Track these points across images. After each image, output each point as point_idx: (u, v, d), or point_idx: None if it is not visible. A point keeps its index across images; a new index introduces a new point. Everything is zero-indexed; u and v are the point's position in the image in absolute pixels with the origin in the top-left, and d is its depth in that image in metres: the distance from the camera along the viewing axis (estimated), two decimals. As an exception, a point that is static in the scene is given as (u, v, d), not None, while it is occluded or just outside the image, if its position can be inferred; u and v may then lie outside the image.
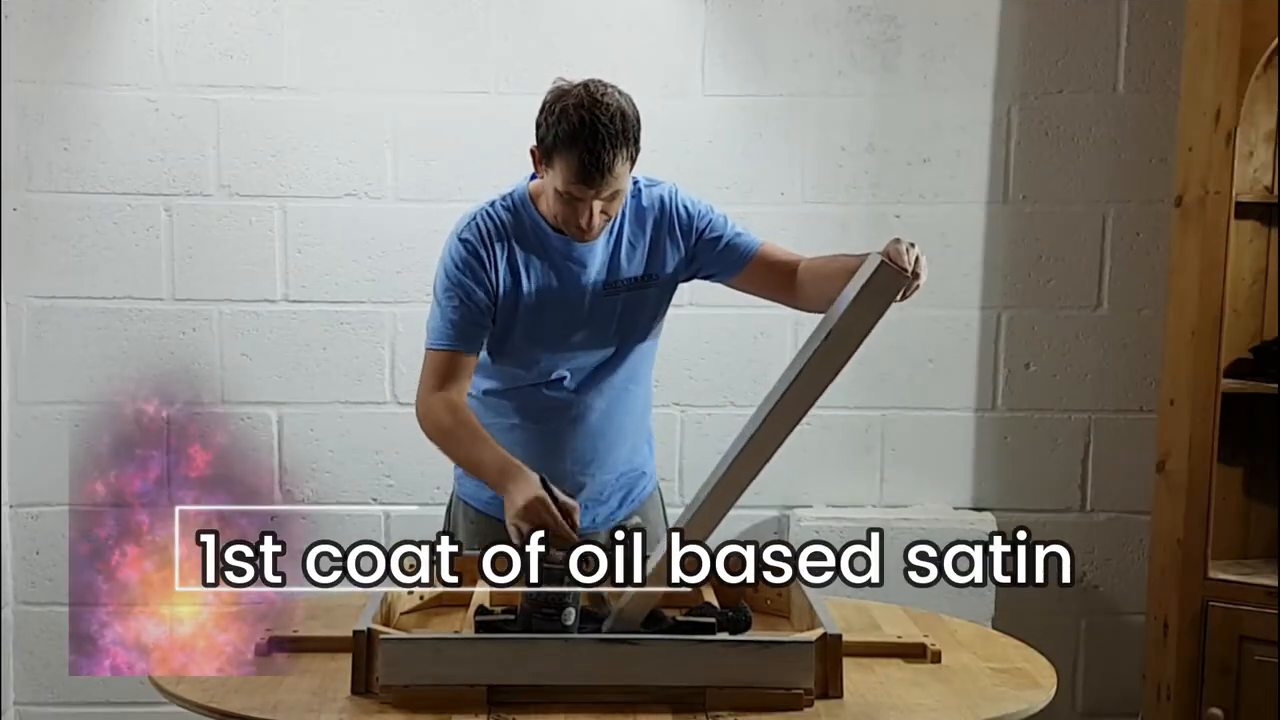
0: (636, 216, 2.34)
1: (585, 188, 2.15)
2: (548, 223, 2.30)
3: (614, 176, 2.15)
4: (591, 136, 2.11)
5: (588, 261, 2.31)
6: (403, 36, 3.33)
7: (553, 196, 2.21)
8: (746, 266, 2.35)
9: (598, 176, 2.13)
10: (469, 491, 2.48)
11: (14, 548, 3.40)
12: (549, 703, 1.82)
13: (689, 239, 2.35)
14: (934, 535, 3.29)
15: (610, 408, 2.40)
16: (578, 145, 2.12)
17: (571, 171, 2.14)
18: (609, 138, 2.12)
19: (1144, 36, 3.37)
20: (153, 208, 3.35)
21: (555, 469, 2.28)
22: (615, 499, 2.48)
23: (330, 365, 3.40)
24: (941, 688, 1.94)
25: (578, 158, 2.12)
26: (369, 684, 1.86)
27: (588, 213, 2.19)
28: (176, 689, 1.89)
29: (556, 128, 2.14)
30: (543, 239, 2.31)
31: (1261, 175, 3.12)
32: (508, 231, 2.31)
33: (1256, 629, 2.97)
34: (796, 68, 3.36)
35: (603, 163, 2.12)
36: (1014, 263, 3.43)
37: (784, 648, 1.86)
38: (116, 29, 3.30)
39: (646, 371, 2.47)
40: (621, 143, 2.14)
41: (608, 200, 2.19)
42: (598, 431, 2.40)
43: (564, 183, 2.16)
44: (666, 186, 2.38)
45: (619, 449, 2.44)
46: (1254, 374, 3.06)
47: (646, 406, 2.51)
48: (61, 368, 3.37)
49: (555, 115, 2.15)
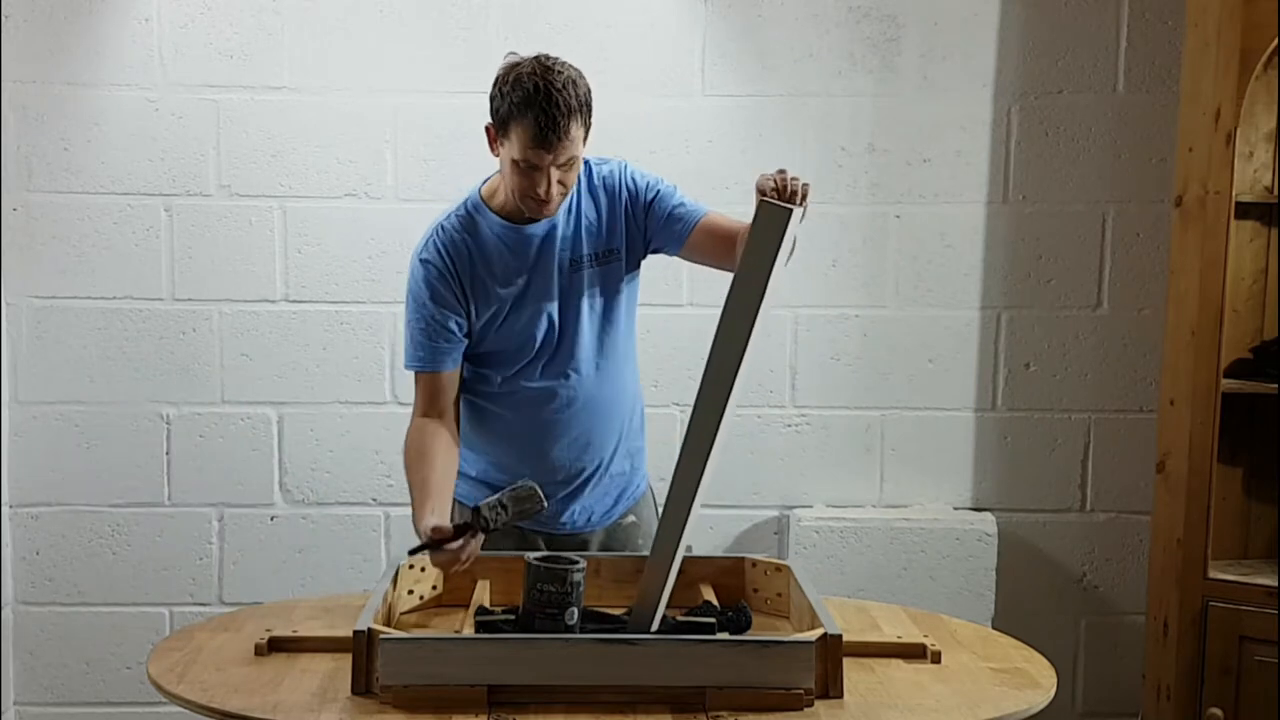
0: (590, 193, 2.38)
1: (543, 152, 2.18)
2: (504, 218, 2.33)
3: (570, 141, 2.19)
4: (546, 100, 2.15)
5: (551, 243, 2.34)
6: (403, 36, 3.33)
7: (509, 170, 2.24)
8: (690, 236, 2.38)
9: (555, 139, 2.17)
10: (463, 493, 2.48)
11: (14, 548, 3.40)
12: (549, 703, 1.82)
13: (639, 209, 2.39)
14: (934, 535, 3.33)
15: (595, 388, 2.41)
16: (533, 109, 2.16)
17: (528, 136, 2.17)
18: (564, 101, 2.16)
19: (1144, 36, 3.37)
20: (153, 208, 3.35)
21: (549, 455, 2.36)
22: (611, 496, 2.49)
23: (330, 365, 3.40)
24: (941, 688, 1.94)
25: (534, 121, 2.16)
26: (369, 684, 1.86)
27: (545, 182, 2.21)
28: (176, 689, 1.89)
29: (511, 96, 2.18)
30: (502, 236, 2.34)
31: (1261, 175, 3.12)
32: (465, 240, 2.34)
33: (1256, 629, 2.97)
34: (796, 68, 3.36)
35: (559, 125, 2.16)
36: (1014, 263, 3.43)
37: (784, 648, 1.86)
38: (116, 29, 3.30)
39: (625, 351, 2.47)
40: (576, 108, 2.19)
41: (564, 170, 2.22)
42: (585, 413, 2.41)
43: (521, 150, 2.19)
44: (616, 162, 2.43)
45: (610, 428, 2.45)
46: (1254, 374, 3.06)
47: (635, 392, 2.52)
48: (61, 368, 3.37)
49: (509, 85, 2.19)
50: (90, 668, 3.44)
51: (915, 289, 3.43)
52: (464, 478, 2.47)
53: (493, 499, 2.09)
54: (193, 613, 3.37)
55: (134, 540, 3.41)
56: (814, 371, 3.44)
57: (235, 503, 3.42)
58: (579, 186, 2.35)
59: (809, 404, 3.44)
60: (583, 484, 2.44)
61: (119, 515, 3.41)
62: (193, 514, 3.42)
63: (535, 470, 2.35)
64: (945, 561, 3.32)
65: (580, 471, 2.43)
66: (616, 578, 2.28)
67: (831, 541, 3.32)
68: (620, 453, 2.48)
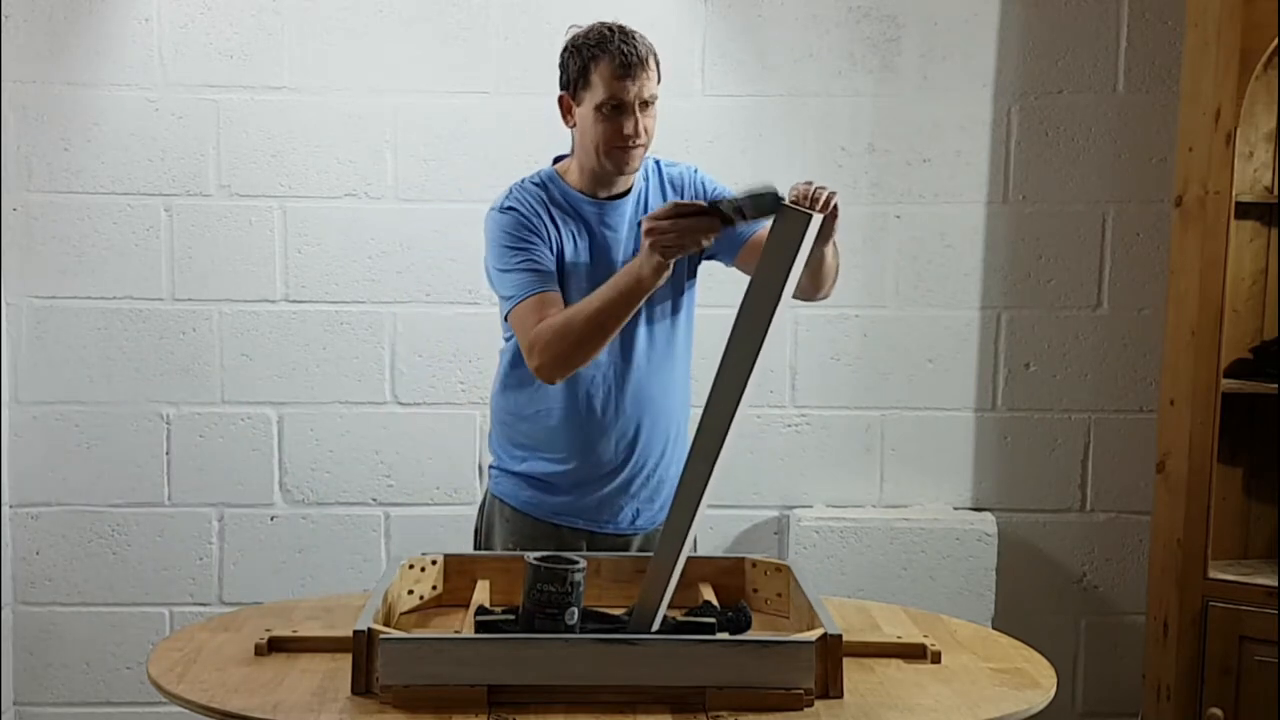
0: (660, 187, 2.43)
1: (628, 83, 2.27)
2: (579, 192, 2.38)
3: (650, 73, 2.30)
4: (623, 36, 2.29)
5: (618, 226, 2.38)
6: (403, 36, 3.33)
7: (592, 123, 2.30)
8: (744, 247, 2.43)
9: (638, 67, 2.27)
10: (505, 490, 2.48)
11: (14, 548, 3.40)
12: (549, 703, 1.82)
13: None
14: (934, 535, 3.33)
15: (645, 383, 2.41)
16: (612, 44, 2.28)
17: (612, 68, 2.27)
18: (639, 38, 2.31)
19: (1144, 36, 3.37)
20: (153, 208, 3.35)
21: (598, 450, 2.36)
22: (658, 501, 2.46)
23: (330, 365, 3.40)
24: (941, 688, 1.94)
25: (616, 52, 2.27)
26: (369, 684, 1.86)
27: (632, 119, 2.28)
28: (176, 689, 1.88)
29: (586, 44, 2.30)
30: (576, 206, 2.38)
31: (1261, 175, 3.12)
32: (543, 199, 2.39)
33: (1256, 629, 2.97)
34: (796, 68, 3.36)
35: (639, 54, 2.28)
36: (1014, 263, 3.43)
37: (784, 648, 1.86)
38: (116, 29, 3.30)
39: (681, 352, 2.48)
40: (649, 47, 2.31)
41: (646, 113, 2.30)
42: (635, 409, 2.40)
43: (606, 86, 2.28)
44: (686, 165, 2.51)
45: (660, 429, 2.44)
46: (1254, 374, 3.06)
47: (685, 398, 2.51)
48: (61, 368, 3.37)
49: (582, 38, 2.31)
50: (90, 668, 3.44)
51: (915, 289, 3.43)
52: (507, 474, 2.47)
53: (730, 197, 2.08)
54: (193, 613, 3.37)
55: (134, 540, 3.41)
56: (814, 371, 3.44)
57: (235, 503, 3.42)
58: (649, 181, 2.42)
59: (809, 404, 3.44)
60: (627, 481, 2.42)
61: (119, 515, 3.41)
62: (193, 514, 3.42)
63: (581, 464, 2.37)
64: (945, 561, 3.32)
65: (626, 467, 2.41)
66: (616, 578, 2.27)
67: (831, 541, 3.32)
68: (668, 458, 2.45)
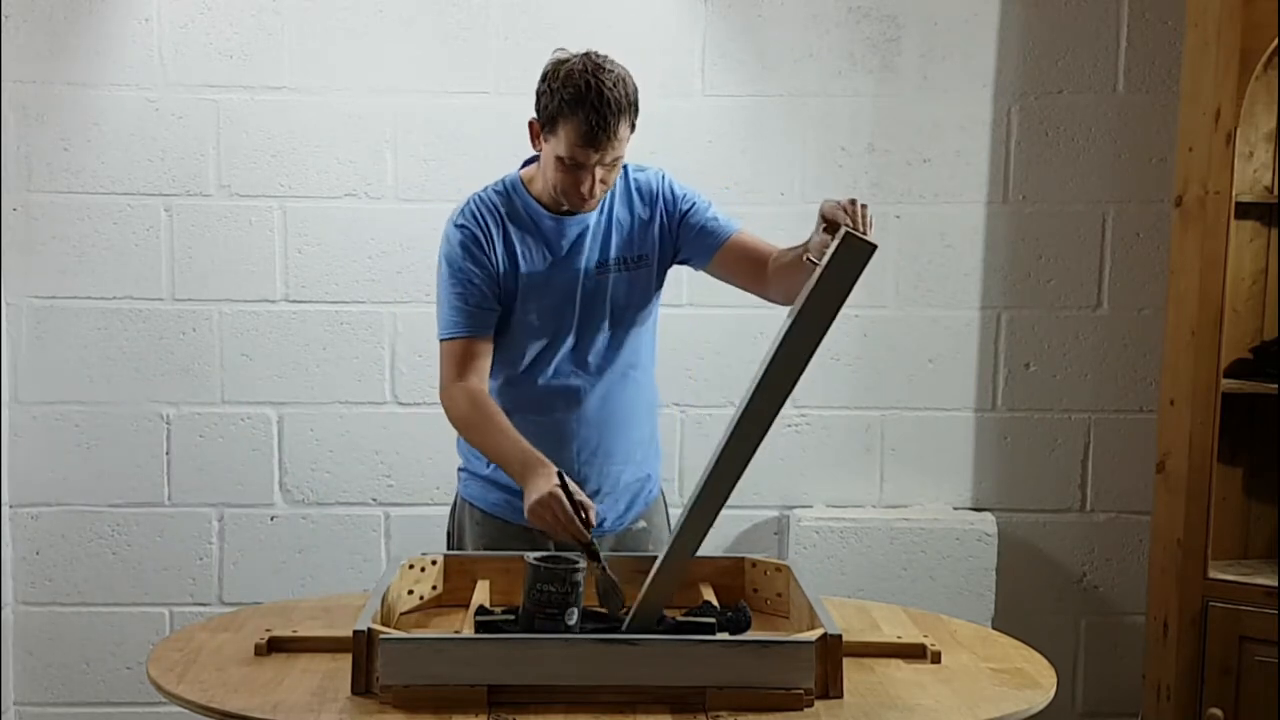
0: (626, 197, 2.38)
1: (590, 151, 2.19)
2: (540, 204, 2.33)
3: (617, 140, 2.20)
4: (597, 98, 2.15)
5: (581, 241, 2.34)
6: (403, 36, 3.33)
7: (552, 166, 2.24)
8: (719, 251, 2.38)
9: (603, 138, 2.17)
10: (474, 493, 2.48)
11: (14, 548, 3.40)
12: (549, 703, 1.82)
13: (673, 218, 2.39)
14: (934, 536, 3.33)
15: (609, 393, 2.40)
16: (583, 108, 2.16)
17: (577, 135, 2.18)
18: (614, 100, 2.17)
19: (1144, 36, 3.38)
20: (153, 208, 3.35)
21: (559, 460, 2.28)
22: (623, 502, 2.47)
23: (330, 365, 3.40)
24: (941, 688, 1.94)
25: (584, 120, 2.16)
26: (369, 684, 1.86)
27: (590, 179, 2.22)
28: (176, 689, 1.88)
29: (560, 93, 2.18)
30: (536, 220, 2.35)
31: (1261, 175, 3.12)
32: (501, 213, 2.35)
33: (1256, 629, 2.97)
34: (796, 68, 3.36)
35: (608, 124, 2.16)
36: (1014, 263, 3.43)
37: (784, 648, 1.86)
38: (116, 29, 3.30)
39: (646, 360, 2.47)
40: (624, 107, 2.19)
41: (608, 168, 2.23)
42: (599, 419, 2.40)
43: (568, 148, 2.19)
44: (654, 170, 2.43)
45: (623, 439, 2.43)
46: (1254, 374, 3.06)
47: (651, 402, 2.51)
48: (61, 368, 3.37)
49: (559, 81, 2.19)
50: (90, 668, 3.44)
51: (915, 289, 3.43)
52: (475, 477, 2.46)
53: (603, 563, 2.08)
54: (193, 613, 3.37)
55: (134, 540, 3.41)
56: (814, 371, 3.38)
57: (235, 503, 3.42)
58: (614, 190, 2.36)
59: (809, 404, 3.44)
60: (595, 489, 2.39)
61: (119, 515, 3.41)
62: (193, 514, 3.42)
63: None
64: (945, 561, 3.32)
65: (591, 474, 2.40)
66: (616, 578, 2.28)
67: (831, 541, 3.33)
68: (634, 463, 2.45)
